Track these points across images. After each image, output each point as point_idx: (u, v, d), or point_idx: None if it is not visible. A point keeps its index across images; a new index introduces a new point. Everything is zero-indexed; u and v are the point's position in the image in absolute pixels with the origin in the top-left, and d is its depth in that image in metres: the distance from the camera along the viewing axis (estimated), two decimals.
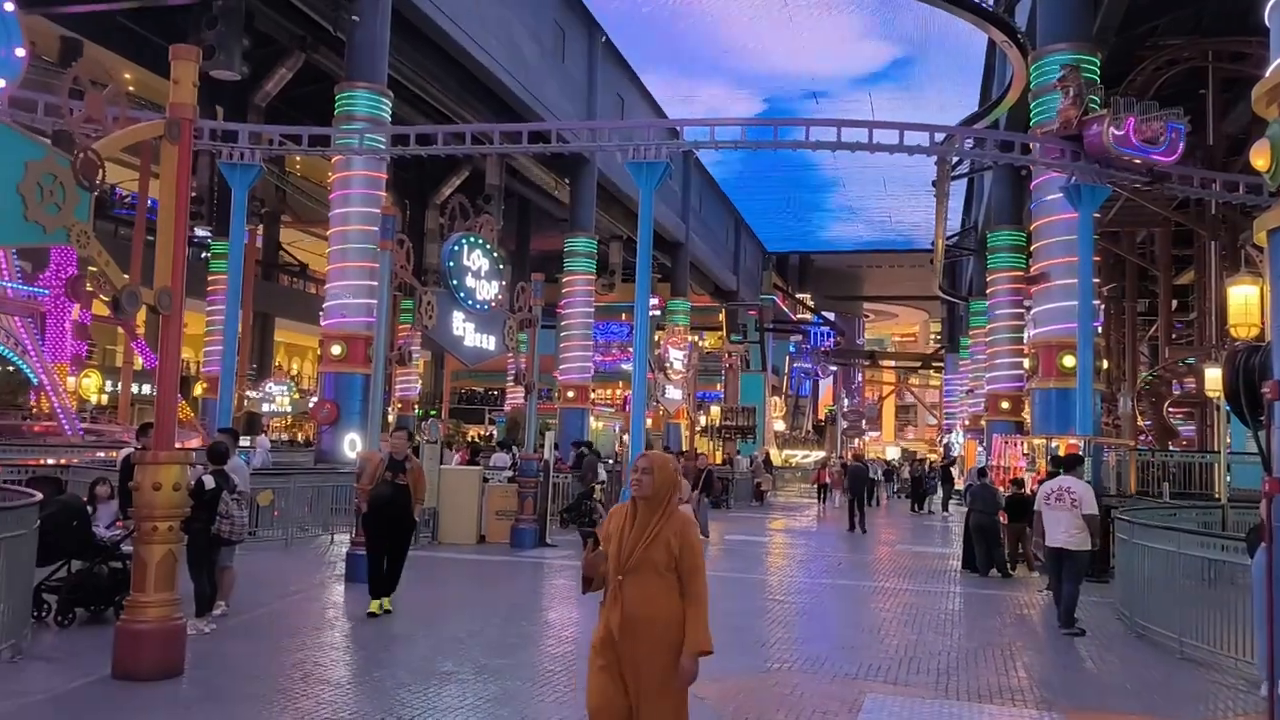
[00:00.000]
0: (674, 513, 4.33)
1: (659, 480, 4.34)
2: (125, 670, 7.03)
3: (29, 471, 15.01)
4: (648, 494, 4.34)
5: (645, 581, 4.24)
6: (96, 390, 36.86)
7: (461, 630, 9.40)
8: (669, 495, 4.35)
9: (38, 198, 6.29)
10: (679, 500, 10.28)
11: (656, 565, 4.24)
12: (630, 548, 4.29)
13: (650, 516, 4.32)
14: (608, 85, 36.64)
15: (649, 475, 4.34)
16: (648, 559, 4.24)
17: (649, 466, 4.35)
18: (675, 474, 4.44)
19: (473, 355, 16.25)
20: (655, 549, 4.24)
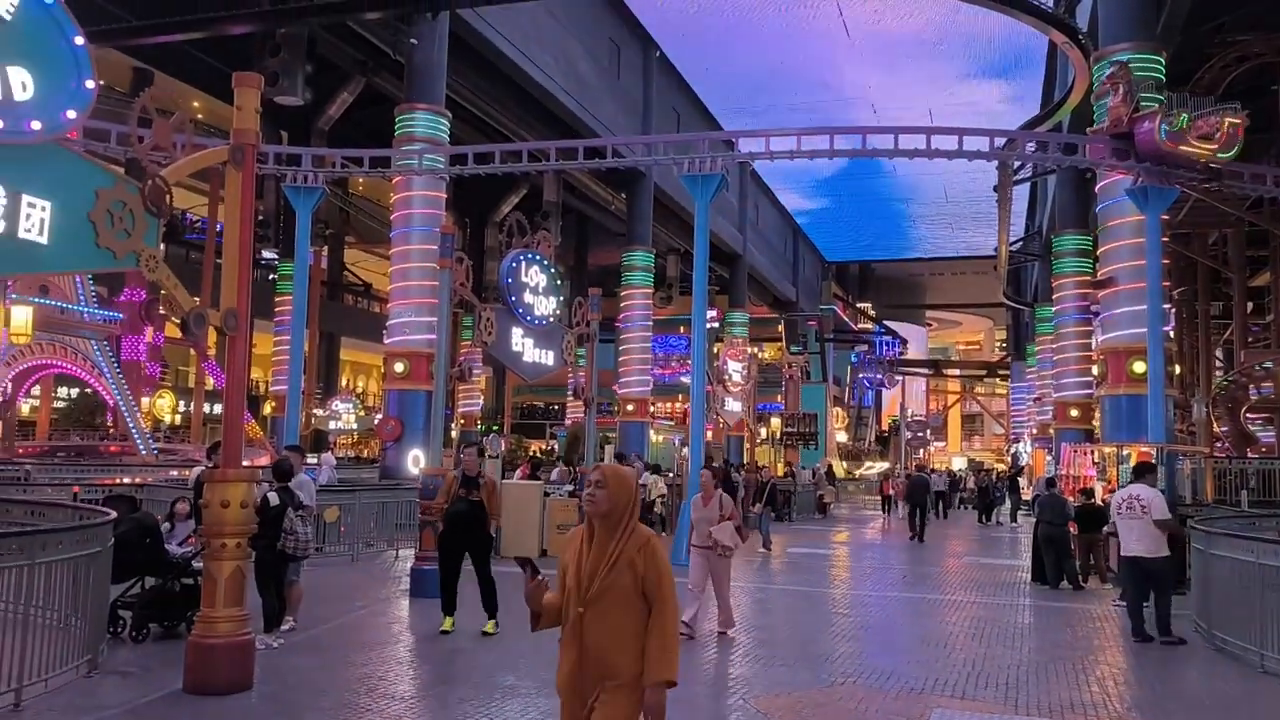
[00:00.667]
0: (635, 529, 3.81)
1: (615, 493, 3.81)
2: (197, 684, 7.18)
3: (106, 490, 15.44)
4: (603, 510, 3.80)
5: (609, 612, 3.73)
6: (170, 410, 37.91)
7: (524, 645, 9.44)
8: (628, 511, 3.82)
9: (108, 224, 6.49)
10: (721, 516, 9.32)
11: (622, 592, 3.73)
12: (590, 575, 3.77)
13: (609, 537, 3.79)
14: (663, 100, 36.77)
15: (602, 489, 3.80)
16: (611, 586, 3.73)
17: (602, 479, 3.81)
18: (634, 485, 3.91)
19: (532, 371, 16.35)
20: (619, 574, 3.73)
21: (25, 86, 5.79)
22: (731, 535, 9.99)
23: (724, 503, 10.19)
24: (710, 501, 10.24)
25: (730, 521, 10.05)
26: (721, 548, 9.97)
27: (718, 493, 10.31)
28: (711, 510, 10.17)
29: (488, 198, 41.14)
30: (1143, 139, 16.10)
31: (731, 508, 10.21)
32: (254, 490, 8.01)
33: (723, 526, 10.01)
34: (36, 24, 5.95)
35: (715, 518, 10.09)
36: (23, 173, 5.91)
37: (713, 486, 10.39)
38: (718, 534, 9.93)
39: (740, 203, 45.74)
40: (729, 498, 10.33)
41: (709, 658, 9.23)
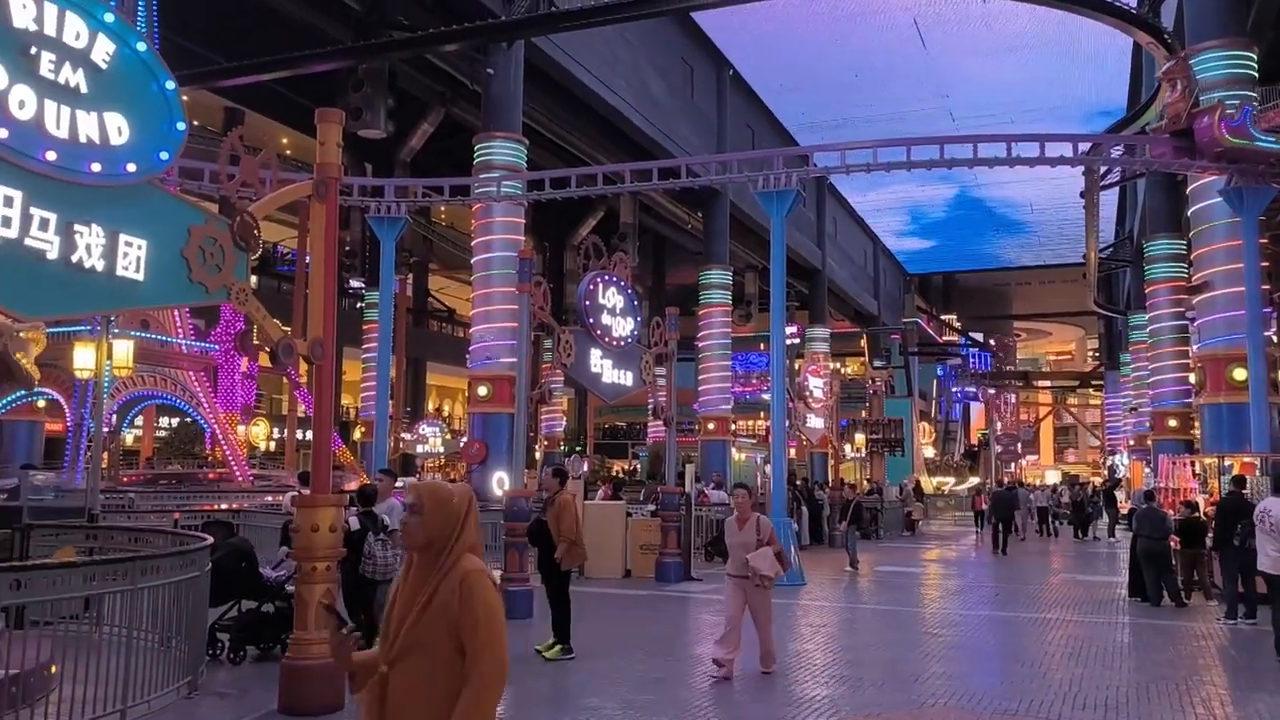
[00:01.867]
0: (458, 562, 2.98)
1: (432, 520, 3.01)
2: (291, 705, 7.36)
3: (205, 516, 15.96)
4: (419, 542, 3.01)
5: (418, 670, 2.93)
6: (265, 437, 39.04)
7: (609, 664, 9.46)
8: (451, 540, 3.01)
9: (200, 260, 6.76)
10: (759, 541, 8.74)
11: (434, 647, 2.92)
12: (396, 625, 2.98)
13: (425, 575, 3.00)
14: (737, 118, 36.78)
15: (417, 515, 3.02)
16: (419, 639, 2.93)
17: (417, 501, 3.04)
18: (460, 507, 3.07)
19: (611, 391, 16.43)
20: (431, 623, 2.92)
21: (121, 131, 6.07)
22: (771, 563, 8.94)
23: (762, 526, 9.12)
24: (746, 525, 9.20)
25: (769, 547, 9.00)
26: (759, 577, 8.93)
27: (755, 515, 9.29)
28: (748, 534, 9.14)
29: (566, 221, 41.60)
30: (1202, 134, 15.53)
31: (771, 531, 9.16)
32: (343, 515, 8.20)
33: (761, 553, 8.93)
34: (131, 71, 6.25)
35: (752, 543, 9.04)
36: (120, 213, 6.19)
37: (749, 508, 9.36)
38: (755, 561, 8.89)
39: (818, 217, 45.41)
40: (768, 520, 9.34)
41: (796, 678, 9.12)
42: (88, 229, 5.95)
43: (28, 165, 5.57)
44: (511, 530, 12.63)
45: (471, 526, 3.10)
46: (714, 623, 12.63)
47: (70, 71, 5.80)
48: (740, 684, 8.83)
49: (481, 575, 3.02)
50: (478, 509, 3.17)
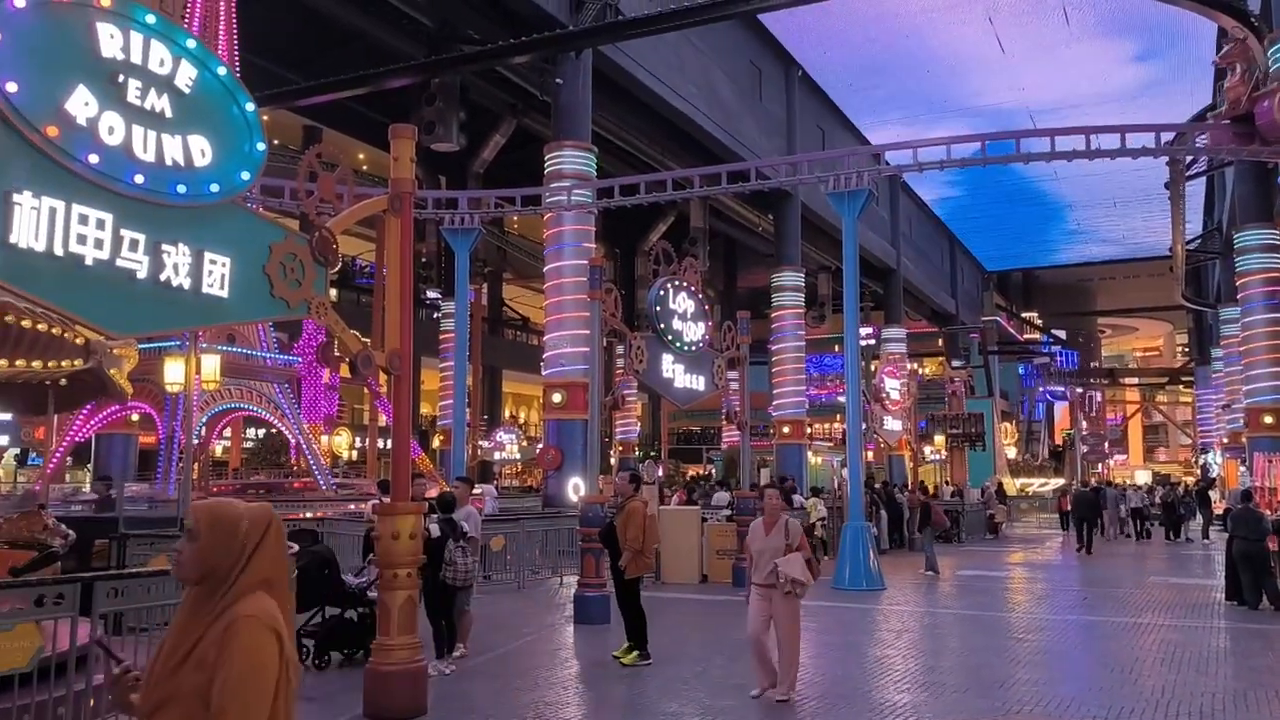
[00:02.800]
0: (234, 604, 2.46)
1: (210, 547, 2.51)
2: (375, 709, 7.51)
3: (290, 525, 16.38)
4: (191, 575, 2.53)
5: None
6: (347, 447, 39.93)
7: (686, 670, 9.45)
8: (230, 574, 2.50)
9: (281, 275, 6.95)
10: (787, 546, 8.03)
11: (189, 701, 2.40)
12: (157, 672, 2.49)
13: (196, 614, 2.50)
14: (807, 118, 36.51)
15: (193, 542, 2.53)
16: (174, 693, 2.43)
17: (194, 525, 2.55)
18: (246, 536, 2.54)
19: (684, 396, 16.42)
20: (188, 673, 2.42)
21: (204, 153, 6.28)
22: (801, 569, 8.05)
23: (791, 530, 8.26)
24: (774, 529, 8.30)
25: (799, 553, 8.13)
26: (789, 581, 8.01)
27: (784, 518, 8.43)
28: (775, 539, 8.21)
29: (636, 228, 41.74)
30: (1263, 118, 14.88)
31: (800, 535, 8.32)
32: (423, 522, 8.35)
33: (791, 559, 8.06)
34: (212, 95, 6.46)
35: (780, 548, 8.14)
36: (205, 232, 6.40)
37: (778, 509, 8.56)
38: (785, 567, 8.01)
39: (892, 216, 44.81)
40: (796, 524, 8.45)
41: (877, 684, 9.00)
42: (175, 248, 6.16)
43: (117, 189, 5.79)
44: (586, 535, 12.72)
45: (264, 559, 2.54)
46: None
47: (155, 97, 6.01)
48: (821, 689, 8.75)
49: (254, 623, 2.42)
50: (281, 535, 2.61)
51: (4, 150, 5.33)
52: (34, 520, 8.20)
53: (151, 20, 6.04)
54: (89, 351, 7.38)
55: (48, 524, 8.18)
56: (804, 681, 9.06)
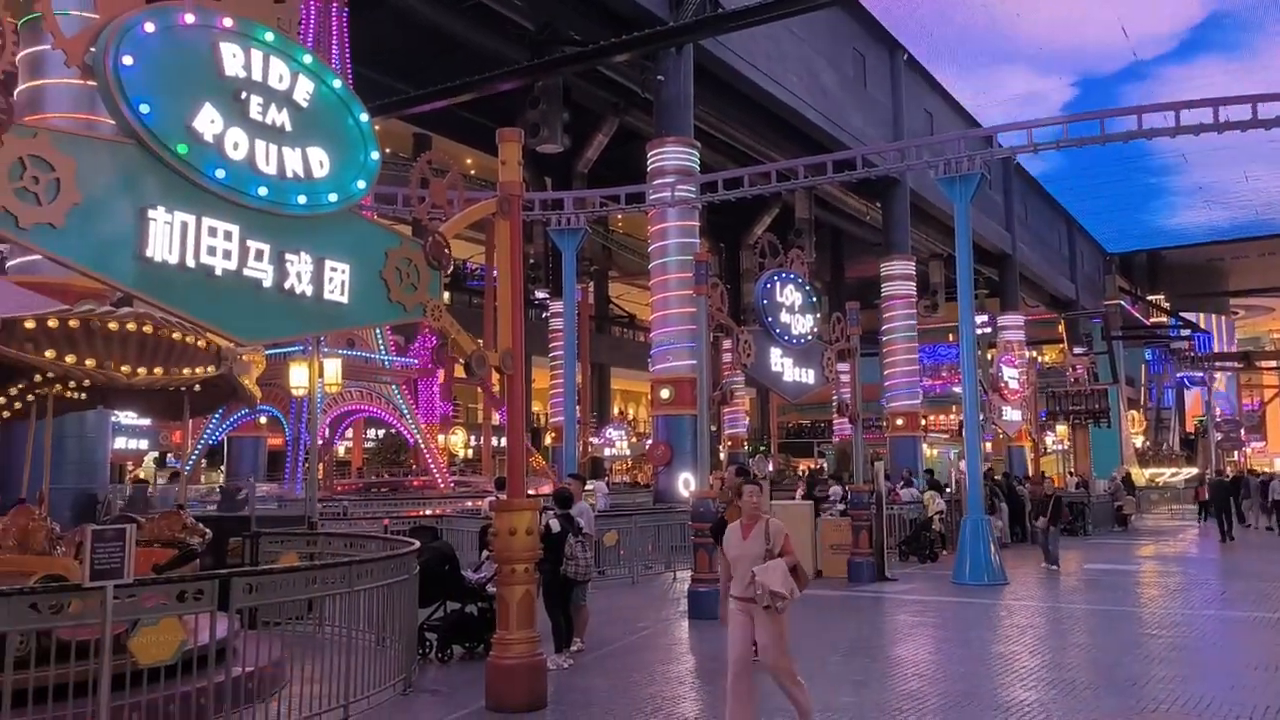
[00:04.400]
0: None
1: None
2: (497, 702, 7.66)
3: (411, 522, 16.86)
4: None
5: None
6: (463, 445, 40.88)
7: (805, 665, 9.30)
8: None
9: (398, 280, 7.16)
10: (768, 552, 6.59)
11: None
12: None
13: None
14: (914, 103, 35.72)
15: None
16: None
17: None
18: None
19: (793, 390, 16.27)
20: None
21: (322, 164, 6.51)
22: (784, 578, 6.51)
23: (773, 532, 6.69)
24: (752, 531, 6.75)
25: (782, 559, 6.60)
26: (769, 595, 6.44)
27: (765, 519, 6.85)
28: (755, 544, 6.67)
29: (740, 221, 41.48)
30: None
31: (783, 538, 6.72)
32: (538, 518, 8.47)
33: (770, 566, 6.51)
34: (328, 107, 6.69)
35: (759, 554, 6.60)
36: (325, 240, 6.64)
37: (759, 507, 7.00)
38: (763, 577, 6.47)
39: (1005, 199, 43.47)
40: (779, 525, 6.83)
41: (1002, 682, 8.75)
42: (297, 257, 6.40)
43: (243, 201, 6.05)
44: (698, 530, 12.72)
45: None
46: (913, 624, 12.32)
47: (276, 112, 6.26)
48: (943, 686, 8.56)
49: None
50: None
51: (138, 168, 5.62)
52: (174, 520, 8.62)
53: (270, 38, 6.28)
54: (220, 358, 7.73)
55: (186, 523, 8.60)
56: (924, 678, 8.88)
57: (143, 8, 5.64)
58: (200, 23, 5.96)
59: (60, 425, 10.07)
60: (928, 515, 19.97)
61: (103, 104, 5.71)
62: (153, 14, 5.68)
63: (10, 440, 12.63)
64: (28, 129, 5.24)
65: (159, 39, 5.72)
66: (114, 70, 5.46)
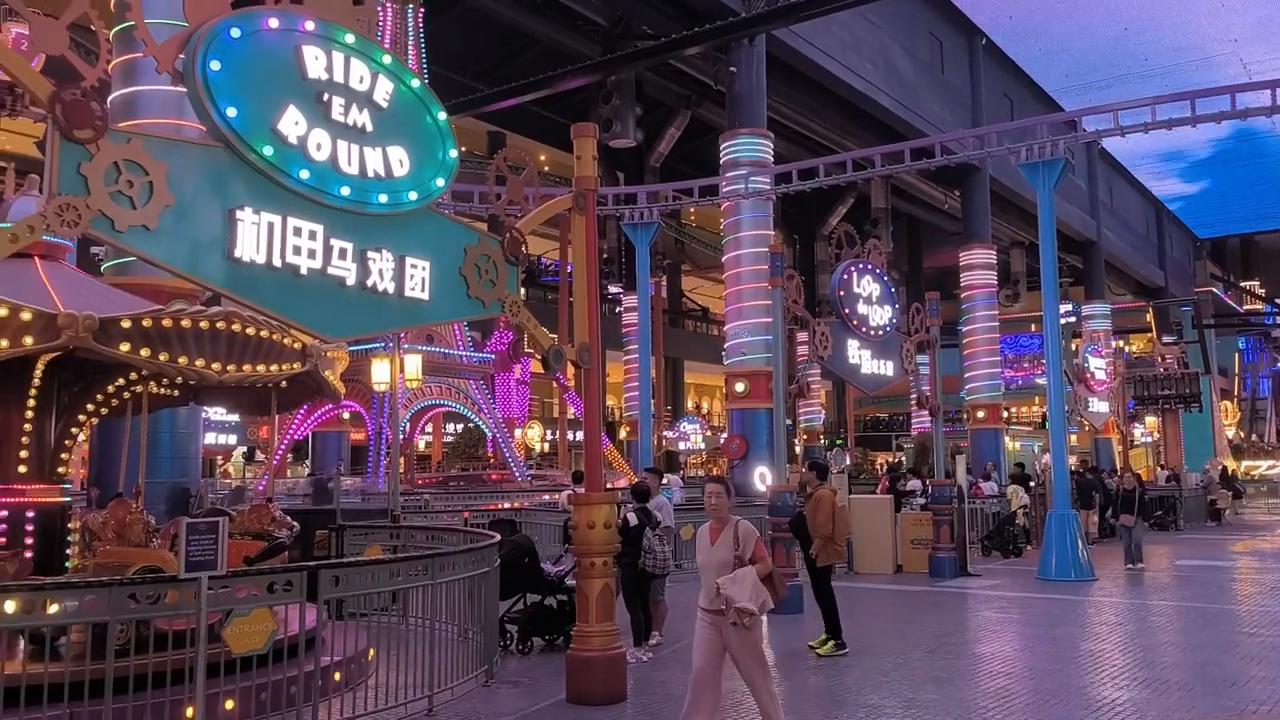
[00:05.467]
0: None
1: None
2: (578, 694, 7.71)
3: (490, 515, 17.06)
4: None
5: None
6: (539, 439, 41.24)
7: (885, 662, 9.24)
8: None
9: (476, 277, 7.24)
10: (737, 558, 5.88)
11: None
12: None
13: None
14: (993, 88, 34.94)
15: None
16: None
17: None
18: None
19: (871, 383, 16.04)
20: None
21: (402, 163, 6.61)
22: (753, 590, 5.78)
23: (743, 536, 5.97)
24: (720, 535, 6.06)
25: (753, 568, 5.88)
26: (735, 611, 5.73)
27: (734, 522, 6.07)
28: (722, 550, 5.98)
29: (815, 212, 41.08)
30: None
31: (755, 543, 5.99)
32: (616, 512, 8.50)
33: (739, 576, 5.80)
34: (408, 107, 6.79)
35: (728, 561, 5.90)
36: (405, 238, 6.74)
37: (726, 510, 6.17)
38: (730, 588, 5.75)
39: (1090, 185, 42.27)
40: (750, 528, 6.06)
41: (1092, 680, 8.52)
42: (379, 255, 6.51)
43: (326, 201, 6.17)
44: (775, 525, 12.64)
45: None
46: (995, 620, 12.07)
47: (357, 112, 6.37)
48: (1030, 684, 8.37)
49: None
50: None
51: (227, 171, 5.77)
52: (263, 513, 8.85)
53: (351, 40, 6.40)
54: (306, 355, 7.89)
55: (275, 516, 8.82)
56: (1011, 675, 8.70)
57: (229, 13, 5.78)
58: (284, 27, 6.09)
59: (154, 421, 10.41)
60: (1011, 509, 19.55)
61: (191, 108, 5.87)
62: (239, 20, 5.82)
63: (108, 436, 13.11)
64: (122, 135, 5.41)
65: (245, 44, 5.86)
66: (202, 75, 5.61)
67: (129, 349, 6.70)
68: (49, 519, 7.85)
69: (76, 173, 5.04)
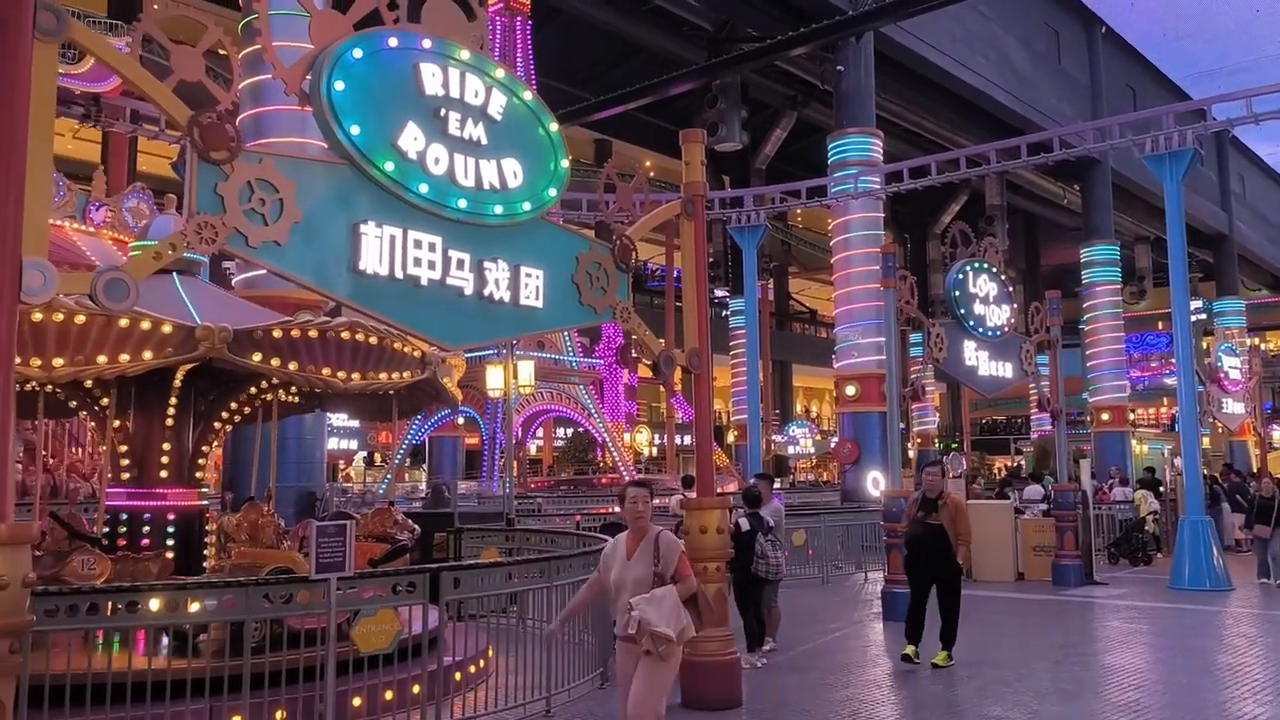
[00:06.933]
0: None
1: None
2: (694, 699, 7.72)
3: (601, 519, 17.22)
4: None
5: None
6: (647, 443, 41.44)
7: (1009, 673, 8.98)
8: None
9: (589, 284, 7.33)
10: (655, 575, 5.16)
11: None
12: None
13: None
14: (1114, 78, 33.65)
15: None
16: None
17: None
18: None
19: (989, 385, 15.61)
20: None
21: (516, 174, 6.74)
22: (672, 614, 5.07)
23: (663, 550, 5.27)
24: (639, 548, 5.35)
25: (672, 587, 5.17)
26: (650, 637, 5.00)
27: (655, 533, 5.38)
28: (638, 566, 5.28)
29: (926, 210, 40.25)
30: None
31: (678, 559, 5.28)
32: (728, 517, 8.48)
33: (656, 597, 5.09)
34: (520, 119, 6.92)
35: (645, 578, 5.21)
36: (519, 248, 6.87)
37: (647, 520, 5.45)
38: (644, 610, 5.02)
39: (1220, 176, 40.28)
40: (673, 540, 5.37)
41: (1231, 694, 8.10)
42: (495, 265, 6.66)
43: (444, 214, 6.34)
44: (891, 531, 12.41)
45: None
46: (1123, 630, 11.60)
47: (472, 126, 6.53)
48: (1163, 698, 8.02)
49: None
50: None
51: (351, 186, 5.99)
52: (385, 516, 9.14)
53: (466, 55, 6.56)
54: (425, 363, 8.13)
55: (397, 519, 9.09)
56: (1142, 689, 8.35)
57: (352, 35, 5.99)
58: (402, 45, 6.28)
59: (282, 427, 10.85)
60: (1140, 516, 18.77)
61: (316, 128, 6.10)
62: (361, 40, 6.02)
63: (239, 442, 13.74)
64: (254, 155, 5.66)
65: (366, 64, 6.06)
66: (327, 96, 5.83)
67: (261, 359, 7.02)
68: (188, 521, 8.27)
69: (213, 192, 5.30)
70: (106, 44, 5.31)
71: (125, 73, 5.20)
